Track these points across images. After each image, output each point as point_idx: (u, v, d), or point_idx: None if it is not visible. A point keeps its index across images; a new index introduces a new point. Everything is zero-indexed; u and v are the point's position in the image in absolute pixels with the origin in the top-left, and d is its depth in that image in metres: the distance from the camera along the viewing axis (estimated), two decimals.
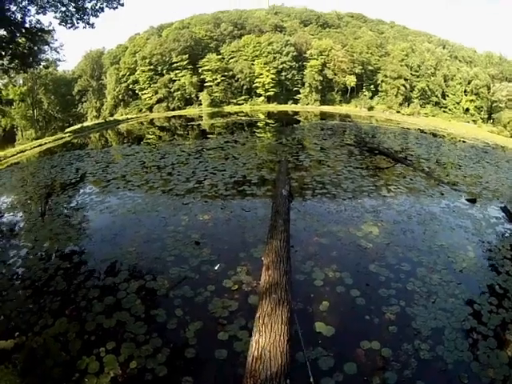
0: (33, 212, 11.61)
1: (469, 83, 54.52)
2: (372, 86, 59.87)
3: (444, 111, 55.58)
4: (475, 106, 53.26)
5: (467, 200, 10.84)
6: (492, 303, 5.84)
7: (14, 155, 29.19)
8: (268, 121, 35.76)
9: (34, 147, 32.44)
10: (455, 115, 53.95)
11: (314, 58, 58.24)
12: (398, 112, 53.00)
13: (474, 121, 51.19)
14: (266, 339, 4.18)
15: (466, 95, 54.70)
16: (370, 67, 60.15)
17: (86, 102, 60.07)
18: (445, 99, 56.89)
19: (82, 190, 13.14)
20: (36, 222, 10.25)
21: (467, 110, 53.90)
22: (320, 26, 69.72)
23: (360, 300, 5.69)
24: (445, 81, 57.25)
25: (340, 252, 6.98)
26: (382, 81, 58.49)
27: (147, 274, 6.36)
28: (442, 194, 11.29)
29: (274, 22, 65.79)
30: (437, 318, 5.42)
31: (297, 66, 58.63)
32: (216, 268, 6.44)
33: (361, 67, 59.31)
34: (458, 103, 55.55)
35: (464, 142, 28.61)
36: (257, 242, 7.22)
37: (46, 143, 34.16)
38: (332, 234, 7.67)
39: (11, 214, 11.90)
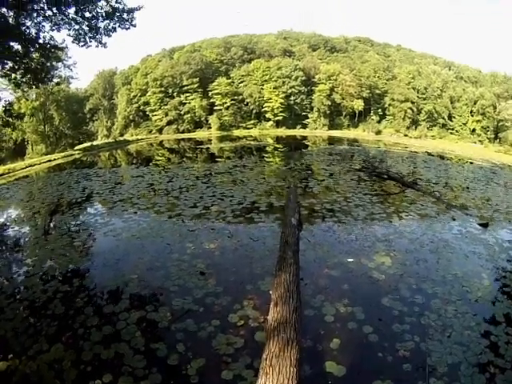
0: (37, 228, 11.50)
1: (475, 103, 55.56)
2: (379, 110, 60.71)
3: (451, 133, 56.37)
4: (481, 127, 54.12)
5: (479, 224, 10.61)
6: (509, 333, 5.54)
7: (23, 169, 29.33)
8: (277, 145, 36.04)
9: (44, 162, 32.62)
10: (462, 136, 54.68)
11: (323, 83, 59.27)
12: (406, 135, 53.66)
13: (480, 141, 51.87)
14: (274, 383, 3.87)
15: (472, 116, 55.71)
16: (377, 91, 61.19)
17: (97, 120, 60.98)
18: (451, 121, 57.81)
19: (87, 210, 13.05)
20: (39, 240, 10.10)
21: (474, 130, 54.90)
22: (328, 50, 71.12)
23: (373, 336, 5.38)
24: (451, 102, 58.30)
25: (351, 285, 6.70)
26: (390, 104, 59.35)
27: (149, 304, 6.09)
28: (454, 220, 11.09)
29: (283, 47, 67.23)
30: (452, 352, 5.10)
31: (305, 90, 59.57)
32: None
33: (368, 91, 60.30)
34: (464, 124, 56.49)
35: (471, 163, 28.65)
36: (264, 273, 6.95)
37: (55, 159, 34.43)
38: (343, 265, 7.42)
39: (16, 227, 11.83)
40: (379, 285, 6.80)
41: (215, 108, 57.55)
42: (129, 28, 17.00)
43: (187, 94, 58.24)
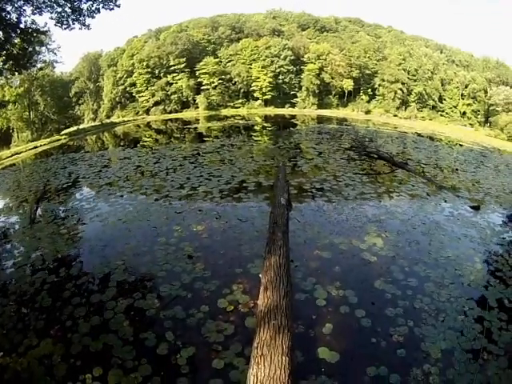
0: (24, 217, 11.14)
1: (466, 87, 55.23)
2: (369, 90, 60.19)
3: (441, 115, 56.07)
4: (472, 110, 53.76)
5: (471, 207, 10.53)
6: (502, 319, 5.49)
7: (9, 157, 28.64)
8: (265, 124, 35.72)
9: (30, 149, 31.90)
10: (452, 119, 54.55)
11: (312, 62, 58.49)
12: (395, 116, 53.43)
13: (471, 124, 51.82)
14: (266, 373, 3.71)
15: (463, 99, 55.34)
16: (367, 71, 60.51)
17: (83, 104, 59.72)
18: (442, 103, 57.40)
19: (73, 196, 12.70)
20: (25, 230, 9.82)
21: (464, 113, 54.54)
22: (318, 30, 70.09)
23: (366, 321, 5.27)
24: (442, 85, 57.85)
25: (343, 267, 6.55)
26: (380, 85, 58.79)
27: (136, 292, 5.89)
28: (445, 201, 10.97)
29: (271, 26, 66.05)
30: (446, 338, 5.05)
31: (294, 69, 58.84)
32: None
33: (358, 71, 59.59)
34: (454, 107, 56.10)
35: (461, 145, 28.64)
36: (254, 256, 6.77)
37: (41, 145, 33.67)
38: (334, 246, 7.25)
39: (3, 217, 11.55)
40: (371, 267, 6.68)
41: (202, 88, 56.81)
42: (113, 8, 16.55)
43: (174, 75, 57.27)
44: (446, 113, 56.03)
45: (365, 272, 6.52)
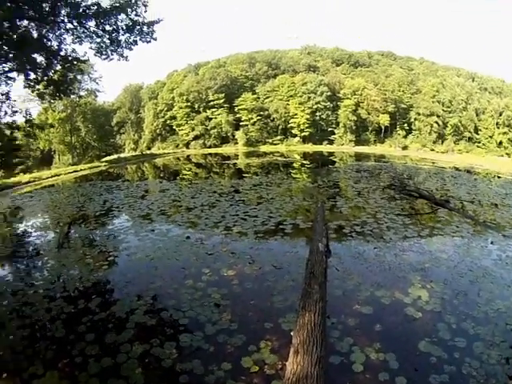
0: (54, 239, 11.63)
1: (500, 115, 55.55)
2: (405, 125, 61.77)
3: (478, 146, 56.64)
4: (508, 139, 53.96)
5: None
6: None
7: (49, 178, 30.41)
8: (304, 161, 36.37)
9: (70, 172, 33.80)
10: (489, 149, 54.73)
11: (348, 98, 60.67)
12: (432, 150, 54.37)
13: (507, 154, 51.59)
14: None
15: (498, 128, 55.42)
16: (402, 105, 62.27)
17: (124, 133, 63.29)
18: (478, 134, 58.04)
19: (104, 225, 13.09)
20: (53, 253, 10.20)
21: (500, 143, 54.73)
22: (352, 65, 73.22)
23: None
24: (476, 114, 58.68)
25: (385, 325, 6.05)
26: (415, 119, 60.31)
27: (154, 338, 5.69)
28: (492, 243, 10.30)
29: (307, 62, 69.31)
30: None
31: (331, 106, 61.12)
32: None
33: (393, 106, 61.36)
34: (490, 137, 56.59)
35: (499, 177, 27.83)
36: (287, 309, 6.41)
37: (81, 170, 35.61)
38: (375, 300, 6.76)
39: (37, 236, 12.35)
40: (415, 325, 6.16)
41: (241, 123, 59.32)
42: (150, 41, 17.88)
43: (213, 109, 60.29)
44: (483, 144, 56.64)
45: (408, 331, 6.01)
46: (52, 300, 7.16)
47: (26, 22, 15.78)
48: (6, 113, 17.93)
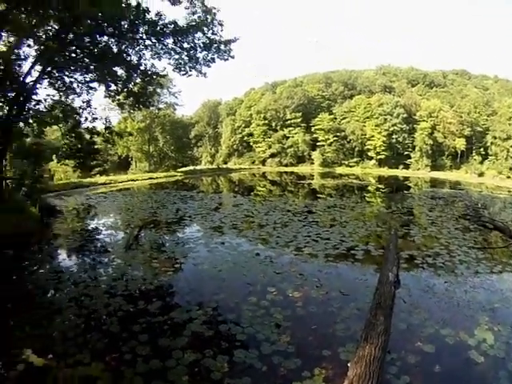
0: (123, 240, 12.37)
1: None
2: (482, 149, 59.16)
3: None
4: None
5: None
6: None
7: (125, 182, 32.85)
8: (378, 185, 36.01)
9: (145, 179, 36.26)
10: None
11: (424, 120, 59.70)
12: (509, 177, 50.19)
13: None
14: None
15: None
16: (478, 128, 59.90)
17: (201, 146, 66.85)
18: None
19: (174, 233, 13.73)
20: (120, 252, 10.84)
21: None
22: (427, 85, 72.52)
23: None
24: None
25: (445, 367, 5.43)
26: (492, 143, 57.00)
27: (208, 349, 5.62)
28: None
29: (382, 83, 69.85)
30: None
31: (407, 128, 60.54)
32: None
33: (469, 129, 59.48)
34: None
35: None
36: (348, 338, 6.04)
37: (157, 177, 38.05)
38: (439, 339, 6.14)
39: (107, 234, 13.42)
40: (476, 370, 5.47)
41: (318, 143, 59.78)
42: (227, 59, 18.90)
43: (290, 128, 61.94)
44: None
45: (468, 376, 5.37)
46: (112, 296, 7.52)
47: (105, 38, 17.46)
48: (86, 119, 19.73)
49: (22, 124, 16.70)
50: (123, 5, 15.09)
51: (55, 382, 4.80)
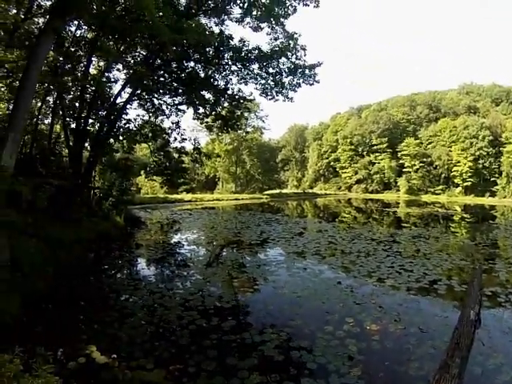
0: (202, 257, 12.92)
1: None
2: None
3: None
4: None
5: None
6: None
7: (211, 200, 34.13)
8: (464, 215, 34.24)
9: (231, 199, 37.50)
10: None
11: (510, 142, 55.37)
12: None
13: None
14: None
15: None
16: None
17: (287, 170, 68.01)
18: None
19: (257, 254, 13.95)
20: (200, 268, 11.28)
21: None
22: (511, 103, 67.67)
23: None
24: None
25: None
26: None
27: (275, 374, 5.46)
28: None
29: (466, 103, 66.83)
30: None
31: (493, 152, 56.67)
32: None
33: None
34: None
35: None
36: (419, 378, 5.54)
37: (242, 199, 39.23)
38: None
39: (189, 249, 14.06)
40: None
41: (404, 170, 57.77)
42: (312, 84, 19.02)
43: (376, 154, 61.28)
44: None
45: None
46: (186, 309, 7.72)
47: (192, 64, 18.64)
48: (175, 139, 21.35)
49: (112, 140, 18.22)
50: (207, 32, 15.98)
51: (113, 380, 4.99)
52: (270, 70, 18.70)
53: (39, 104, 16.81)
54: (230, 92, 19.71)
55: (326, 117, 77.80)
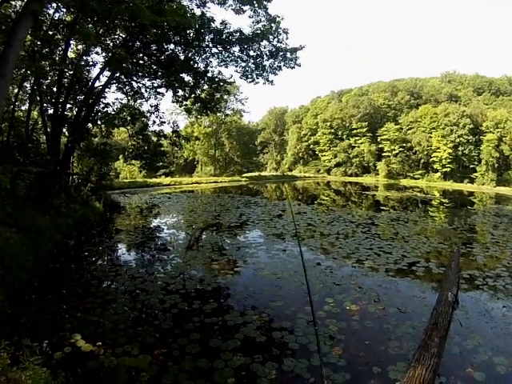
0: (184, 240, 12.98)
1: None
2: None
3: None
4: None
5: None
6: None
7: (190, 184, 33.87)
8: (442, 200, 35.07)
9: (210, 182, 37.31)
10: None
11: (490, 132, 56.38)
12: None
13: None
14: None
15: None
16: None
17: (267, 153, 68.05)
18: None
19: (236, 237, 14.01)
20: (180, 251, 11.30)
21: None
22: (493, 94, 68.98)
23: None
24: None
25: None
26: None
27: (258, 355, 5.56)
28: None
29: (448, 92, 67.56)
30: None
31: (473, 140, 57.73)
32: None
33: None
34: None
35: None
36: (399, 357, 5.75)
37: (221, 181, 39.12)
38: (491, 367, 5.63)
39: (169, 233, 14.11)
40: None
41: (383, 154, 58.68)
42: (294, 67, 18.78)
43: (356, 138, 61.94)
44: None
45: None
46: (168, 293, 7.76)
47: (172, 46, 18.24)
48: (154, 122, 20.96)
49: (90, 125, 17.82)
50: (188, 14, 15.58)
51: (101, 370, 5.00)
52: (251, 53, 18.50)
53: (16, 90, 16.35)
54: (209, 74, 19.47)
55: (307, 101, 77.63)
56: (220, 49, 18.35)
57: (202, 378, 4.92)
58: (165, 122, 21.02)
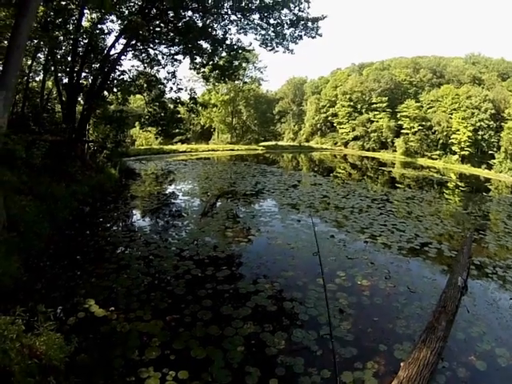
0: (197, 208, 12.96)
1: None
2: None
3: None
4: None
5: None
6: None
7: (206, 151, 33.78)
8: (459, 183, 34.02)
9: (226, 150, 37.09)
10: None
11: None
12: None
13: None
14: None
15: None
16: None
17: (284, 123, 67.13)
18: None
19: (251, 205, 14.04)
20: (194, 219, 11.35)
21: None
22: None
23: None
24: None
25: None
26: None
27: (268, 324, 5.66)
28: None
29: (471, 73, 63.94)
30: None
31: (494, 126, 54.38)
32: None
33: None
34: None
35: None
36: (406, 337, 5.81)
37: (238, 149, 38.91)
38: (493, 357, 5.64)
39: (184, 199, 14.10)
40: None
41: (402, 131, 57.34)
42: (314, 37, 18.22)
43: (375, 113, 60.06)
44: None
45: None
46: (182, 259, 7.87)
47: (190, 13, 17.73)
48: (171, 89, 20.56)
49: (106, 92, 17.73)
50: None
51: (112, 334, 5.11)
52: (271, 21, 17.94)
53: (29, 62, 16.25)
54: (228, 42, 18.98)
55: (326, 72, 75.68)
56: (239, 16, 17.87)
57: (212, 345, 5.00)
58: (182, 89, 20.76)
